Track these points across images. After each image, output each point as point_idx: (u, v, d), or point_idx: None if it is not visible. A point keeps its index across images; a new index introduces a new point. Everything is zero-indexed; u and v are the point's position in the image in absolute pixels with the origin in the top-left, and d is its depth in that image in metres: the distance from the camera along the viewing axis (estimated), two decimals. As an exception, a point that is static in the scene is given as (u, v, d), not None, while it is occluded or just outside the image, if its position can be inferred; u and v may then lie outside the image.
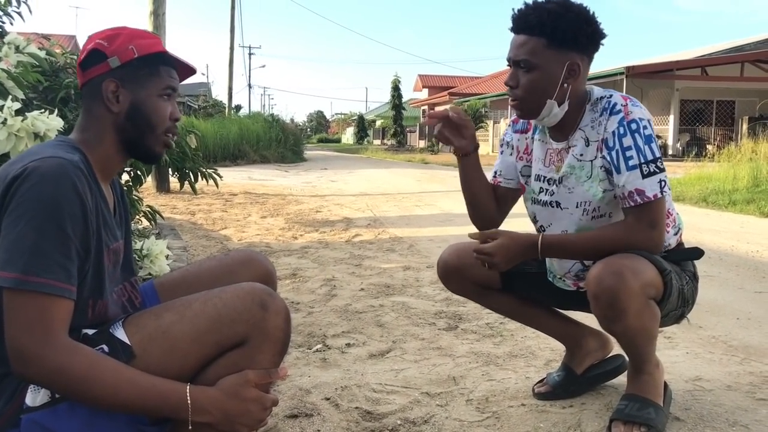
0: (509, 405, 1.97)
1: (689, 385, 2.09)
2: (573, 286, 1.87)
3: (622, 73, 19.26)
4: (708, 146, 17.53)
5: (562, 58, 1.67)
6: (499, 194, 1.97)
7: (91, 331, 1.26)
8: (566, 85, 1.69)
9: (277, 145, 20.55)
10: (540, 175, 1.84)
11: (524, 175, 1.92)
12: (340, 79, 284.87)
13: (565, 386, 2.00)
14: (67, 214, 1.16)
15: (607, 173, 1.70)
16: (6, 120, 1.86)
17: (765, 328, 2.83)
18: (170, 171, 3.25)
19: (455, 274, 1.98)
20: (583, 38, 1.67)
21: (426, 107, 41.57)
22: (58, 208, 1.15)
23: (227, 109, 29.17)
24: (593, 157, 1.72)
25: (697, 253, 1.81)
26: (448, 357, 2.42)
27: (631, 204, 1.65)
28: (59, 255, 1.15)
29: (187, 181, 3.22)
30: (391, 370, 2.29)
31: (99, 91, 1.34)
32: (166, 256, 2.56)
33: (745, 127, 19.39)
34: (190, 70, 1.47)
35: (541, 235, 1.74)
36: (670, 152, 20.30)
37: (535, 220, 1.90)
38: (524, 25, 1.68)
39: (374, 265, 4.21)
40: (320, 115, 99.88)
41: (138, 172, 2.95)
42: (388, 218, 6.77)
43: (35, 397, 1.18)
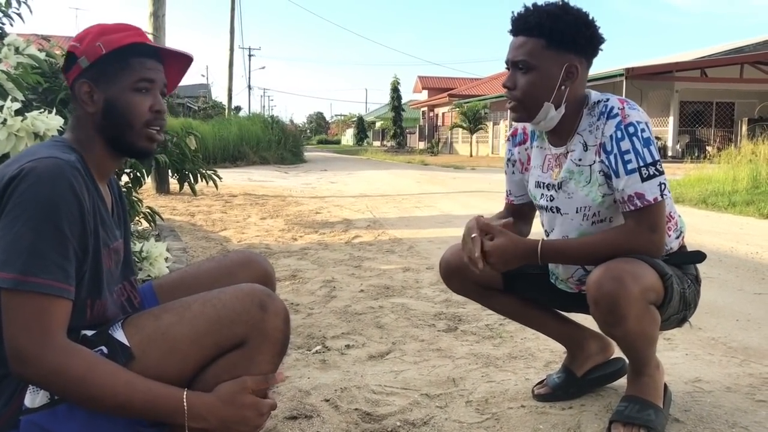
0: (509, 406, 1.97)
1: (689, 386, 2.09)
2: (575, 289, 1.87)
3: (621, 74, 19.28)
4: (707, 148, 17.56)
5: (561, 60, 1.67)
6: (516, 211, 2.01)
7: (90, 332, 1.26)
8: (564, 87, 1.69)
9: (277, 146, 20.56)
10: (539, 182, 1.85)
11: (527, 183, 1.93)
12: (340, 80, 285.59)
13: (565, 388, 1.99)
14: (65, 215, 1.16)
15: (606, 178, 1.70)
16: (6, 120, 1.86)
17: (764, 329, 2.83)
18: (170, 172, 3.25)
19: (457, 274, 1.98)
20: (582, 40, 1.68)
21: (425, 108, 41.61)
22: (56, 209, 1.15)
23: (227, 111, 29.18)
24: (592, 162, 1.71)
25: (699, 256, 1.80)
26: (448, 358, 2.42)
27: (631, 208, 1.65)
28: (57, 255, 1.15)
29: (187, 183, 3.22)
30: (391, 371, 2.29)
31: (75, 94, 1.34)
32: (166, 258, 2.56)
33: (744, 128, 19.41)
34: (183, 58, 1.42)
35: (540, 241, 1.74)
36: (670, 154, 20.31)
37: (541, 224, 1.91)
38: (523, 26, 1.69)
39: (374, 267, 4.21)
40: (320, 116, 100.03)
41: (138, 173, 2.95)
42: (388, 219, 6.77)
43: (34, 399, 1.18)
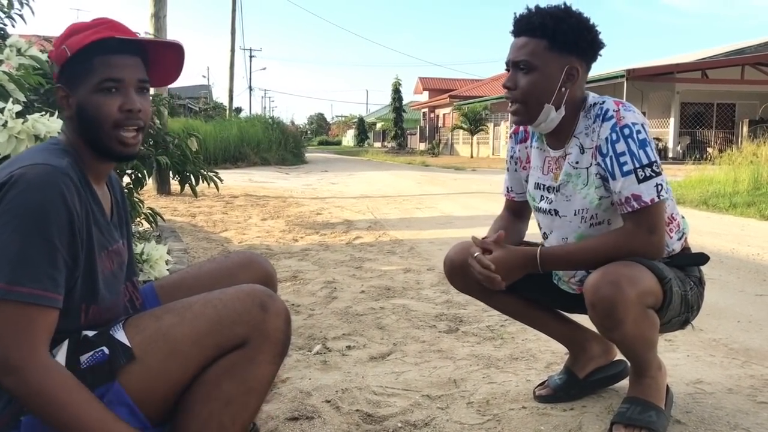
0: (510, 408, 1.97)
1: (690, 388, 2.09)
2: (577, 290, 1.87)
3: (622, 76, 19.28)
4: (708, 149, 17.57)
5: (562, 62, 1.68)
6: (516, 208, 2.03)
7: (91, 333, 1.26)
8: (564, 89, 1.69)
9: (278, 147, 20.56)
10: (539, 183, 1.85)
11: (526, 182, 1.93)
12: (341, 81, 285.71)
13: (567, 389, 1.99)
14: (54, 223, 1.15)
15: (602, 180, 1.70)
16: (7, 122, 1.86)
17: (766, 331, 2.82)
18: (171, 174, 3.25)
19: (461, 272, 1.98)
20: (584, 44, 1.69)
21: (426, 110, 41.61)
22: (45, 217, 1.14)
23: (228, 112, 29.20)
24: (588, 165, 1.72)
25: (702, 258, 1.80)
26: (449, 360, 2.42)
27: (628, 210, 1.65)
28: (45, 264, 1.13)
29: (188, 184, 3.22)
30: (392, 372, 2.29)
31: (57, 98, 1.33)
32: (166, 261, 2.56)
33: (745, 129, 19.41)
34: (174, 47, 1.37)
35: (539, 249, 1.74)
36: (671, 155, 20.30)
37: (539, 226, 1.91)
38: (526, 27, 1.70)
39: (375, 268, 4.21)
40: (321, 117, 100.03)
41: (139, 174, 2.95)
42: (389, 221, 6.77)
43: None
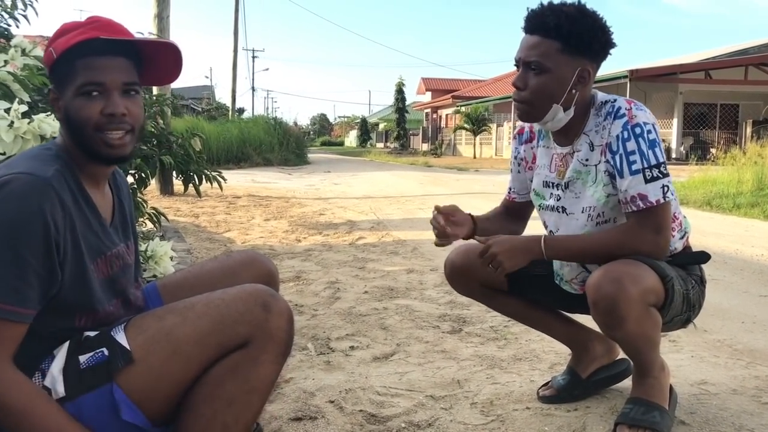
0: (514, 408, 1.97)
1: (694, 388, 2.09)
2: (579, 290, 1.87)
3: (625, 76, 19.24)
4: (712, 149, 17.53)
5: (574, 64, 1.66)
6: (514, 208, 2.04)
7: (92, 333, 1.26)
8: (574, 91, 1.68)
9: (280, 147, 20.57)
10: (547, 181, 1.85)
11: (531, 182, 1.93)
12: (344, 82, 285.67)
13: (570, 390, 1.99)
14: (25, 236, 1.13)
15: (610, 178, 1.70)
16: (13, 122, 1.87)
17: (770, 331, 2.82)
18: (174, 174, 3.26)
19: (462, 275, 1.98)
20: (597, 46, 1.67)
21: (429, 110, 41.61)
22: (16, 230, 1.12)
23: (230, 112, 29.23)
24: (597, 162, 1.72)
25: (703, 257, 1.80)
26: (453, 360, 2.42)
27: (633, 209, 1.65)
28: (13, 279, 1.12)
29: (192, 184, 3.23)
30: (396, 373, 2.29)
31: None
32: (171, 257, 2.56)
33: (749, 130, 19.35)
34: (166, 47, 1.33)
35: (544, 235, 1.75)
36: (674, 155, 20.26)
37: (545, 225, 1.91)
38: (540, 26, 1.66)
39: (378, 268, 4.21)
40: (323, 117, 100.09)
41: (143, 174, 2.96)
42: (392, 221, 6.77)
43: None
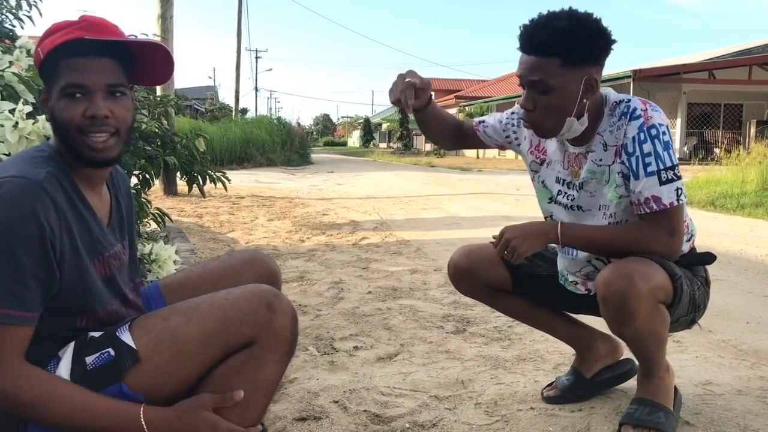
0: (518, 408, 1.96)
1: (699, 389, 2.08)
2: (582, 288, 1.87)
3: (629, 76, 19.20)
4: (715, 149, 17.49)
5: (579, 75, 1.62)
6: (469, 134, 2.03)
7: (97, 334, 1.26)
8: (585, 100, 1.65)
9: (283, 148, 20.59)
10: (560, 178, 1.83)
11: (533, 170, 1.91)
12: (347, 82, 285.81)
13: (575, 390, 1.99)
14: (20, 240, 1.12)
15: (624, 179, 1.68)
16: (17, 123, 1.87)
17: (775, 332, 2.81)
18: (178, 174, 3.26)
19: (466, 276, 1.98)
20: (597, 51, 1.63)
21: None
22: (10, 234, 1.12)
23: (234, 113, 29.27)
24: (611, 162, 1.70)
25: (709, 258, 1.80)
26: (457, 360, 2.42)
27: (646, 210, 1.64)
28: (11, 282, 1.12)
29: (196, 185, 3.23)
30: (399, 373, 2.29)
31: None
32: (174, 261, 2.57)
33: (753, 130, 19.31)
34: (154, 47, 1.30)
35: (560, 221, 1.75)
36: (677, 155, 20.16)
37: (551, 218, 1.89)
38: (536, 46, 1.61)
39: (381, 268, 4.21)
40: (326, 118, 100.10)
41: (147, 175, 2.96)
42: (395, 221, 6.77)
43: None
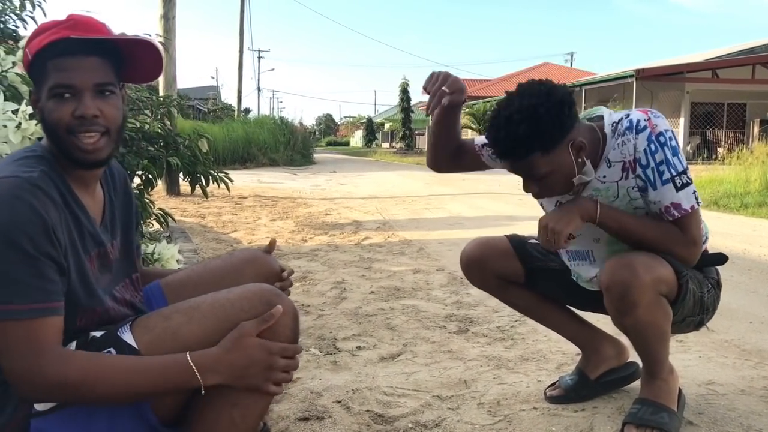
0: (521, 408, 1.96)
1: (702, 389, 2.08)
2: (597, 287, 1.86)
3: (631, 76, 19.17)
4: (719, 149, 17.46)
5: (564, 147, 1.60)
6: (470, 156, 1.92)
7: (98, 333, 1.26)
8: (581, 159, 1.64)
9: (286, 148, 20.60)
10: (560, 201, 1.79)
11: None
12: (349, 82, 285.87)
13: (578, 390, 1.99)
14: (27, 235, 1.12)
15: (641, 191, 1.67)
16: (20, 124, 1.88)
17: (778, 332, 2.81)
18: (181, 174, 3.26)
19: (477, 267, 1.98)
20: (566, 120, 1.59)
21: (435, 110, 41.50)
22: (17, 231, 1.12)
23: (236, 112, 29.29)
24: (618, 178, 1.68)
25: (721, 258, 1.79)
26: (459, 360, 2.42)
27: (668, 218, 1.64)
28: (29, 277, 1.12)
29: (198, 185, 3.23)
30: (402, 373, 2.29)
31: None
32: (177, 260, 2.58)
33: (756, 129, 19.27)
34: (144, 44, 1.28)
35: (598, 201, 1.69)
36: (681, 155, 20.16)
37: None
38: (510, 154, 1.62)
39: (384, 268, 4.21)
40: (329, 118, 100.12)
41: (150, 176, 2.97)
42: (398, 221, 6.77)
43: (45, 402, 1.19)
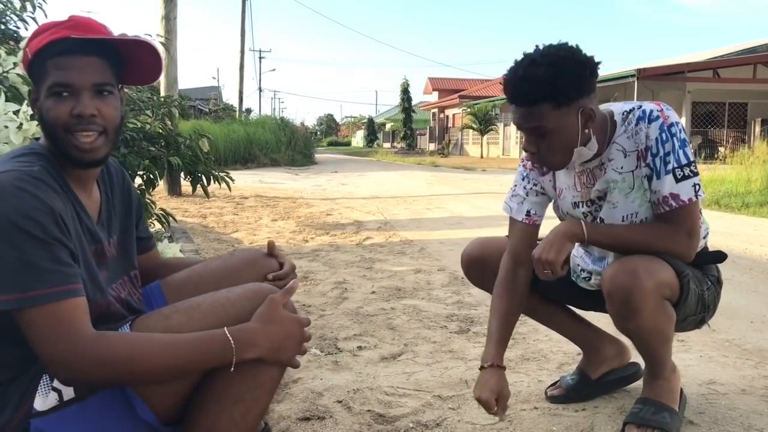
0: (522, 408, 1.96)
1: (703, 388, 2.08)
2: (596, 285, 1.86)
3: (633, 75, 19.15)
4: (720, 148, 17.44)
5: (574, 110, 1.60)
6: (534, 233, 1.89)
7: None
8: (586, 130, 1.64)
9: (287, 148, 20.61)
10: (576, 201, 1.80)
11: (554, 206, 1.90)
12: (350, 82, 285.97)
13: (579, 390, 1.99)
14: (35, 222, 1.13)
15: (648, 181, 1.67)
16: (22, 124, 1.88)
17: (780, 331, 2.80)
18: (182, 174, 3.27)
19: (478, 266, 1.98)
20: (584, 83, 1.61)
21: (436, 110, 41.59)
22: (25, 219, 1.12)
23: (238, 113, 29.31)
24: (634, 167, 1.68)
25: (721, 256, 1.80)
26: (460, 360, 2.42)
27: (665, 209, 1.64)
28: (45, 261, 1.12)
29: (200, 185, 3.23)
30: (403, 373, 2.29)
31: None
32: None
33: (758, 129, 19.25)
34: (144, 45, 1.28)
35: (583, 220, 1.72)
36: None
37: None
38: (523, 99, 1.61)
39: (385, 268, 4.21)
40: (330, 118, 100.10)
41: (151, 176, 2.98)
42: (399, 221, 6.77)
43: (44, 402, 1.18)
